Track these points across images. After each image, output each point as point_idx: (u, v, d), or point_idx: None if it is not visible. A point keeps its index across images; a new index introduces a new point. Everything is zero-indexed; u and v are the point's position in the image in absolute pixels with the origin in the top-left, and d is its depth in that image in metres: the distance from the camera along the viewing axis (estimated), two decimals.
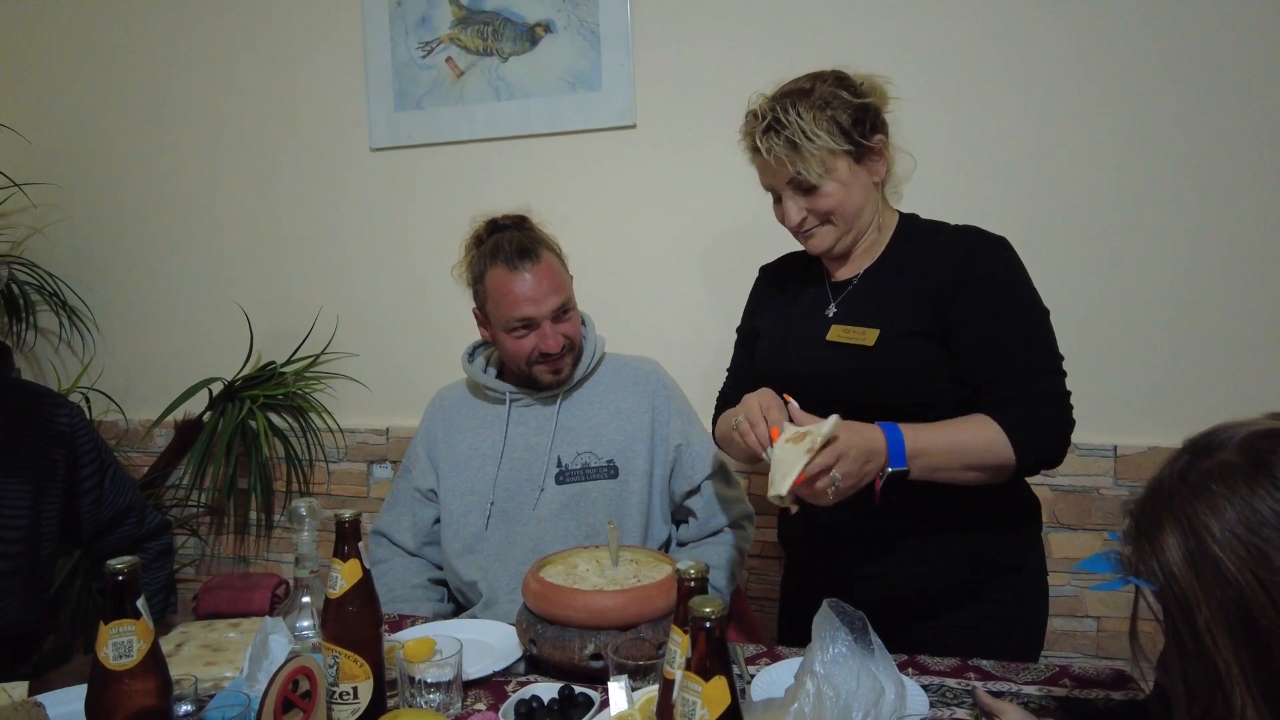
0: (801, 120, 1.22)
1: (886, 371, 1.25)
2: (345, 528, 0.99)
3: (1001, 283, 1.24)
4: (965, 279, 1.23)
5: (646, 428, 1.57)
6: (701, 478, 1.59)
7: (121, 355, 2.65)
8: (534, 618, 1.15)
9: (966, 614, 1.31)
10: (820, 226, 1.30)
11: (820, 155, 1.23)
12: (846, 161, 1.25)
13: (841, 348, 1.28)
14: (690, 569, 0.75)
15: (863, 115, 1.25)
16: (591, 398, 1.59)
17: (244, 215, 2.53)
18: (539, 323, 1.48)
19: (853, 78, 1.29)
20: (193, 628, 1.29)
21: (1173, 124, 1.88)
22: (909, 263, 1.30)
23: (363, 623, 0.99)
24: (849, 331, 1.27)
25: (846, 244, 1.32)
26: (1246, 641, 0.66)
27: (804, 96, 1.25)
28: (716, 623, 0.65)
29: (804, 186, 1.26)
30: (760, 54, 2.11)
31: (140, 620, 0.82)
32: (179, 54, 2.52)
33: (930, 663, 1.21)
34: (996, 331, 1.22)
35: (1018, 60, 1.95)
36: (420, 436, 1.66)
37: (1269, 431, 0.70)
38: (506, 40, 2.29)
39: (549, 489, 1.53)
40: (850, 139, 1.24)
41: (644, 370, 1.65)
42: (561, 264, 1.56)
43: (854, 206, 1.28)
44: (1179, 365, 1.91)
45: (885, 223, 1.34)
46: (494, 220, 1.59)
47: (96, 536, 1.45)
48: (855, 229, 1.31)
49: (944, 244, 1.28)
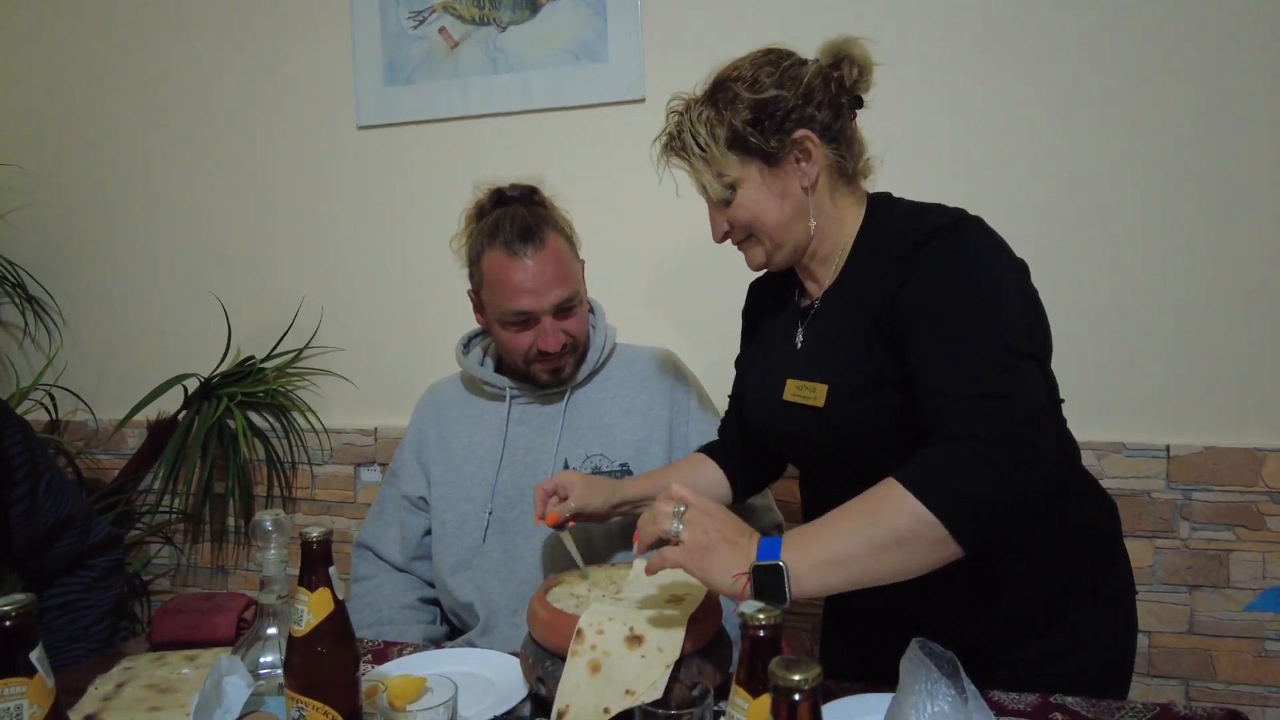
0: (695, 128, 1.06)
1: (837, 437, 1.03)
2: (313, 549, 0.81)
3: (938, 272, 0.96)
4: (901, 280, 0.98)
5: (664, 426, 1.42)
6: None
7: (90, 350, 2.48)
8: (542, 652, 0.98)
9: (1033, 650, 1.11)
10: (746, 242, 1.12)
11: (716, 165, 1.06)
12: (756, 168, 1.06)
13: (797, 408, 1.07)
14: (760, 614, 0.57)
15: (762, 115, 1.04)
16: (602, 394, 1.44)
17: (221, 199, 2.36)
18: (538, 317, 1.33)
19: (786, 58, 1.09)
20: (140, 662, 1.11)
21: (1231, 104, 1.71)
22: (865, 277, 1.05)
23: (335, 665, 0.81)
24: (802, 388, 1.06)
25: (782, 259, 1.11)
26: None
27: (707, 100, 1.08)
28: (808, 694, 0.47)
29: (717, 199, 1.09)
30: (776, 20, 1.95)
31: (35, 678, 0.63)
32: (151, 25, 2.36)
33: (1007, 701, 1.03)
34: (929, 339, 0.93)
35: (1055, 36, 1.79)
36: (409, 437, 1.50)
37: None
38: (505, 8, 2.13)
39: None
40: (745, 146, 1.05)
41: (659, 361, 1.50)
42: (571, 248, 1.41)
43: (774, 219, 1.07)
44: (1236, 358, 1.76)
45: (846, 222, 1.11)
46: (500, 190, 1.43)
47: (31, 552, 1.26)
48: (789, 242, 1.09)
49: (893, 244, 1.02)
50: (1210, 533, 1.76)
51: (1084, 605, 1.12)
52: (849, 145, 1.10)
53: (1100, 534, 1.16)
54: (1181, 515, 1.78)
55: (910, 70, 1.84)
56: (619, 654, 0.89)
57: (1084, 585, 1.13)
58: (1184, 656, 1.79)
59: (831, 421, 1.03)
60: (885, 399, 0.99)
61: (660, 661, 0.88)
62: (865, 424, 1.01)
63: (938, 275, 0.96)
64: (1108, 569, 1.16)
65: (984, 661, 1.01)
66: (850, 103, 1.10)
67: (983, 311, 0.92)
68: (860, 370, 1.01)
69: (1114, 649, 1.15)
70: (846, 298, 1.07)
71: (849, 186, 1.12)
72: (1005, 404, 0.85)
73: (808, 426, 1.06)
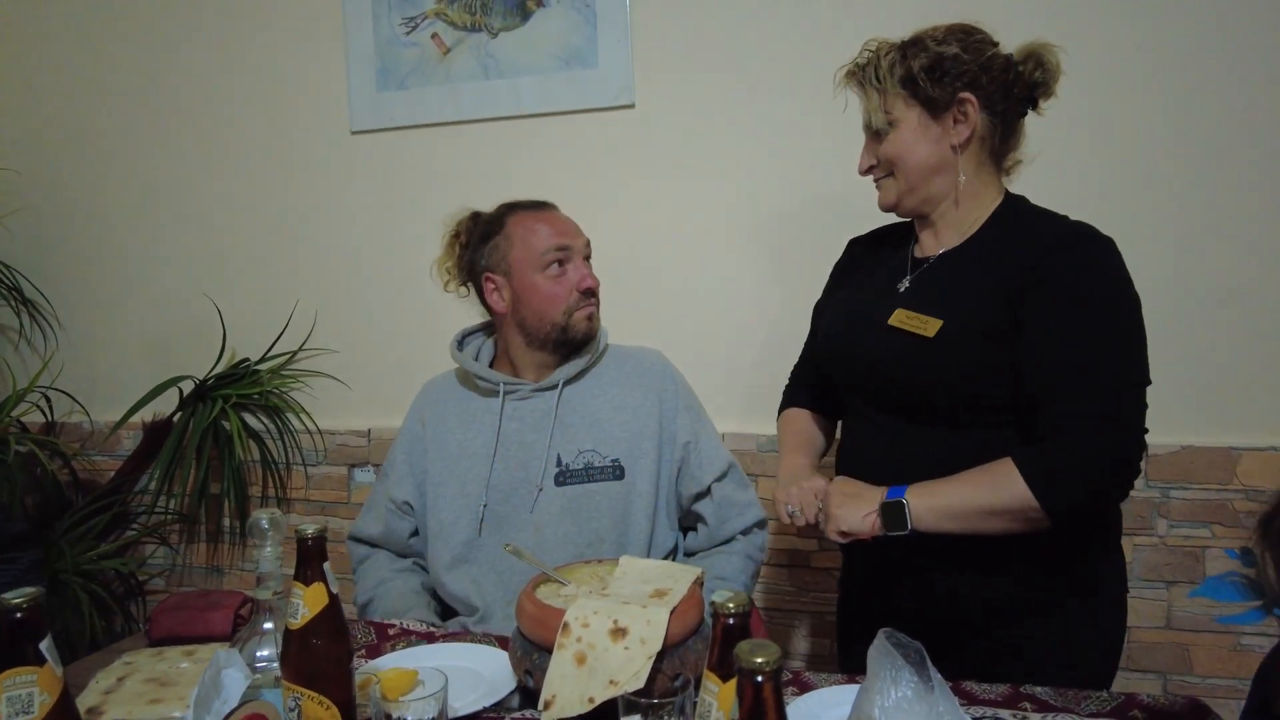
0: (880, 62, 1.16)
1: (942, 368, 1.14)
2: (308, 546, 0.84)
3: (1079, 286, 1.09)
4: (1041, 276, 1.10)
5: (654, 423, 1.44)
6: (711, 479, 1.46)
7: (85, 352, 2.50)
8: (530, 645, 1.01)
9: (1025, 629, 1.18)
10: (885, 178, 1.22)
11: (886, 99, 1.16)
12: (918, 112, 1.16)
13: (902, 334, 1.17)
14: (730, 602, 0.61)
15: (937, 67, 1.14)
16: (593, 391, 1.46)
17: (216, 203, 2.38)
18: (574, 256, 1.44)
19: (979, 33, 1.18)
20: (140, 657, 1.14)
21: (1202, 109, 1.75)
22: (995, 251, 1.17)
23: (329, 657, 0.84)
24: (912, 318, 1.16)
25: (912, 204, 1.21)
26: None
27: (899, 45, 1.18)
28: (770, 675, 0.51)
29: (876, 129, 1.19)
30: (766, 29, 1.98)
31: (44, 667, 0.66)
32: (146, 32, 2.38)
33: (978, 691, 1.07)
34: (1059, 343, 1.08)
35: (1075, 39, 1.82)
36: (402, 437, 1.53)
37: None
38: (496, 15, 2.15)
39: (548, 490, 1.39)
40: (914, 89, 1.15)
41: (649, 361, 1.53)
42: None
43: (917, 162, 1.17)
44: (1212, 360, 1.80)
45: (983, 201, 1.21)
46: (476, 212, 1.53)
47: None
48: (922, 190, 1.20)
49: (1034, 235, 1.15)
50: (1187, 530, 1.80)
51: (1084, 592, 1.19)
52: (1008, 132, 1.19)
53: (1105, 524, 1.23)
54: (1159, 513, 1.82)
55: None
56: (604, 646, 0.93)
57: (1085, 571, 1.19)
58: (1162, 651, 1.83)
59: (935, 353, 1.13)
60: (989, 351, 1.11)
61: (643, 653, 0.91)
62: (964, 364, 1.12)
63: (1087, 284, 1.08)
64: (1108, 559, 1.23)
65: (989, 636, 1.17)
66: (1025, 98, 1.18)
67: (1118, 337, 1.08)
68: (978, 318, 1.12)
69: (1108, 635, 1.20)
70: (973, 262, 1.18)
71: (995, 170, 1.21)
72: (1116, 427, 1.05)
73: (908, 353, 1.15)
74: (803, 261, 2.00)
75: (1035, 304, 1.09)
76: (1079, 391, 1.06)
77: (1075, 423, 1.05)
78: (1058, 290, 1.09)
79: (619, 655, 0.91)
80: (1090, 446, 1.05)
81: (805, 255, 2.00)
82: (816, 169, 1.98)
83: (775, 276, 2.03)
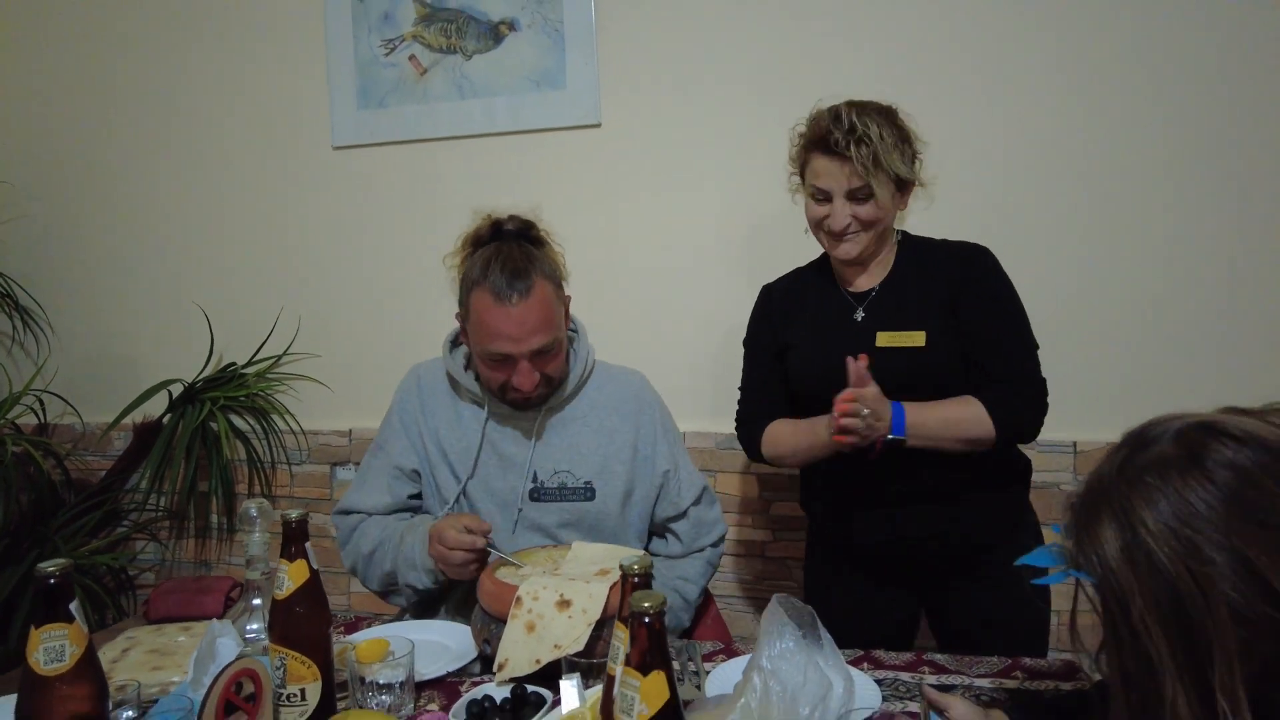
0: (884, 141, 1.38)
1: (939, 367, 1.43)
2: (292, 528, 0.98)
3: (992, 285, 1.47)
4: (965, 284, 1.45)
5: (629, 448, 1.49)
6: (688, 503, 1.53)
7: (77, 357, 2.60)
8: (488, 617, 1.15)
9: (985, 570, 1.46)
10: (860, 233, 1.44)
11: (889, 175, 1.39)
12: (892, 190, 1.42)
13: (892, 351, 1.43)
14: (634, 564, 0.74)
15: (914, 157, 1.46)
16: (575, 413, 1.50)
17: (204, 214, 2.49)
18: (516, 360, 1.37)
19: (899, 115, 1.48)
20: (141, 632, 1.26)
21: (1144, 125, 1.90)
22: (919, 273, 1.49)
23: (311, 623, 0.98)
24: (897, 336, 1.44)
25: (868, 252, 1.47)
26: (1178, 632, 0.67)
27: (887, 120, 1.41)
28: (655, 617, 0.65)
29: (861, 195, 1.41)
30: (726, 54, 2.12)
31: (74, 624, 0.80)
32: (136, 49, 2.48)
33: (885, 658, 1.22)
34: (986, 324, 1.44)
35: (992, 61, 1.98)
36: (398, 414, 1.53)
37: (1203, 424, 0.71)
38: (470, 38, 2.28)
39: (525, 506, 1.45)
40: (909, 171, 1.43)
41: (631, 387, 1.56)
42: (557, 292, 1.43)
43: (886, 223, 1.46)
44: (1143, 362, 1.94)
45: (891, 241, 1.52)
46: (498, 222, 1.45)
47: None
48: (879, 242, 1.48)
49: (944, 256, 1.50)
50: None
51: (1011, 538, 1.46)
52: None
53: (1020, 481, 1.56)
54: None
55: None
56: (550, 616, 1.07)
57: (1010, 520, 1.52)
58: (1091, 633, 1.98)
59: (928, 356, 1.42)
60: (951, 344, 1.44)
61: (584, 621, 1.05)
62: (947, 358, 1.43)
63: (994, 283, 1.46)
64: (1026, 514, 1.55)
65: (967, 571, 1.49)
66: None
67: (1022, 317, 1.46)
68: (946, 324, 1.44)
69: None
70: (906, 283, 1.48)
71: None
72: (1038, 377, 1.44)
73: (907, 364, 1.42)
74: (760, 270, 2.14)
75: (968, 304, 1.44)
76: (1013, 355, 1.44)
77: (1017, 375, 1.43)
78: (980, 291, 1.45)
79: (563, 624, 1.05)
80: (1029, 390, 1.43)
81: (762, 264, 2.14)
82: (772, 184, 2.12)
83: (734, 284, 2.17)
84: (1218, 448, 0.68)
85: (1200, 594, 0.65)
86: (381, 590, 1.48)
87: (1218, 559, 0.65)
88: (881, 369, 1.36)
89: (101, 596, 2.33)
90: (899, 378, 1.38)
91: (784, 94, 2.09)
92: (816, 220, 1.47)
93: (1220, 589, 0.65)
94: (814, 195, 1.45)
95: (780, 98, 2.09)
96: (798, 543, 2.16)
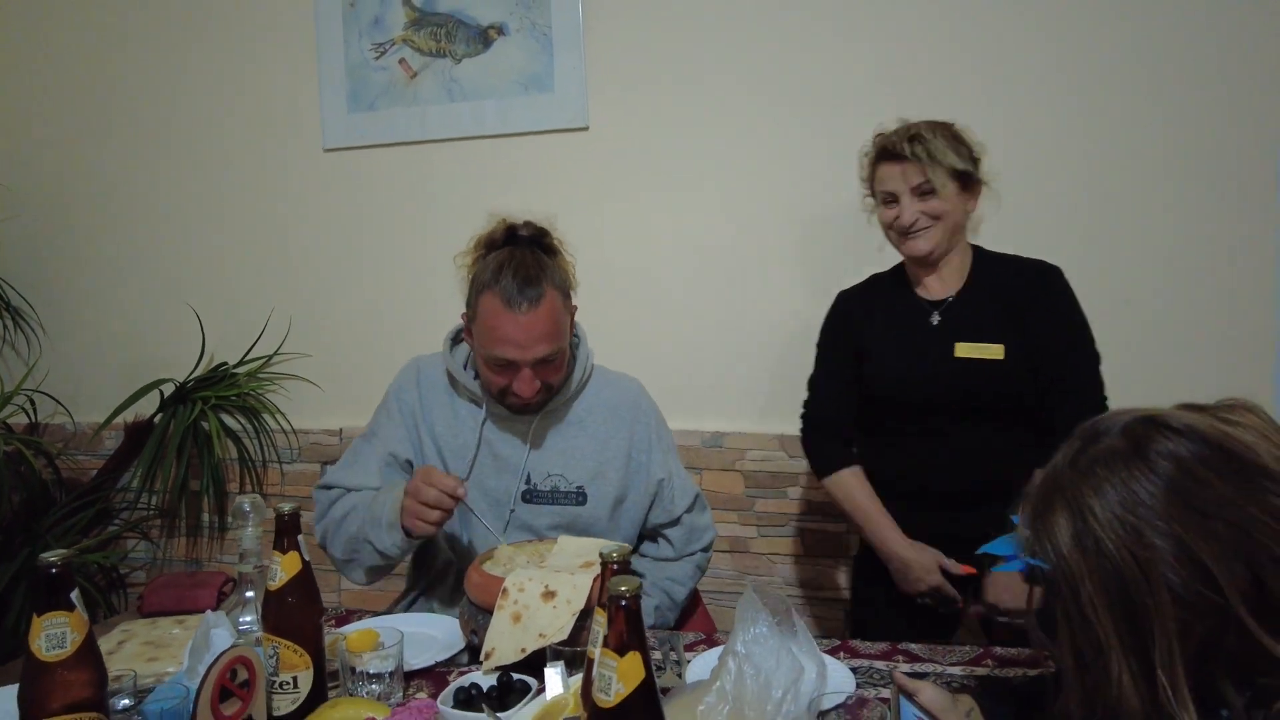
0: (938, 141, 1.51)
1: (1016, 380, 1.51)
2: (284, 521, 1.01)
3: (1063, 302, 1.56)
4: (1038, 299, 1.54)
5: (622, 455, 1.50)
6: (681, 510, 1.55)
7: (69, 357, 2.61)
8: (475, 609, 1.18)
9: None
10: (928, 228, 1.53)
11: (946, 169, 1.50)
12: (957, 185, 1.53)
13: (970, 362, 1.52)
14: (614, 552, 0.78)
15: (974, 159, 1.56)
16: (571, 417, 1.51)
17: (196, 215, 2.51)
18: (520, 366, 1.37)
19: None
20: (136, 625, 1.29)
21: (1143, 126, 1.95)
22: (994, 286, 1.57)
23: (302, 614, 1.01)
24: (976, 347, 1.52)
25: (941, 250, 1.56)
26: (1124, 614, 0.71)
27: (941, 126, 1.54)
28: (632, 599, 0.68)
29: (924, 191, 1.51)
30: (712, 58, 2.16)
31: (74, 612, 0.83)
32: (129, 51, 2.50)
33: (861, 646, 1.26)
34: (1057, 340, 1.53)
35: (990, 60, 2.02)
36: (395, 401, 1.53)
37: (1148, 418, 0.76)
38: (459, 42, 2.31)
39: (518, 507, 1.47)
40: (965, 164, 1.53)
41: (627, 395, 1.57)
42: (565, 301, 1.43)
43: (954, 219, 1.54)
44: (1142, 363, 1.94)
45: (966, 251, 1.62)
46: (513, 227, 1.45)
47: None
48: (950, 241, 1.56)
49: (1018, 272, 1.59)
50: None
51: None
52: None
53: None
54: None
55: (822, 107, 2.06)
56: (536, 606, 1.10)
57: None
58: None
59: (1011, 367, 1.50)
60: (1026, 361, 1.52)
61: (568, 611, 1.09)
62: (1024, 373, 1.51)
63: (1065, 304, 1.55)
64: None
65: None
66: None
67: (1089, 334, 1.55)
68: (1021, 339, 1.52)
69: None
70: (984, 295, 1.57)
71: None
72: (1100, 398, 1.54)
73: (988, 373, 1.51)
74: (747, 271, 2.19)
75: (1039, 320, 1.53)
76: (1080, 370, 1.54)
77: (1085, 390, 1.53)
78: (1053, 308, 1.55)
79: (548, 614, 1.09)
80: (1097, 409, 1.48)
81: (749, 265, 2.19)
82: (757, 185, 2.17)
83: (720, 285, 2.21)
84: (1160, 440, 0.73)
85: (1143, 578, 0.70)
86: (344, 556, 1.44)
87: (1159, 544, 0.70)
88: (958, 380, 1.50)
89: (93, 594, 2.35)
90: (975, 390, 1.50)
91: (771, 97, 2.13)
92: (888, 222, 1.58)
93: (1161, 572, 0.69)
94: (883, 200, 1.58)
95: (768, 101, 2.14)
96: (782, 539, 2.21)
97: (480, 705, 1.00)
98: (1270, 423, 0.78)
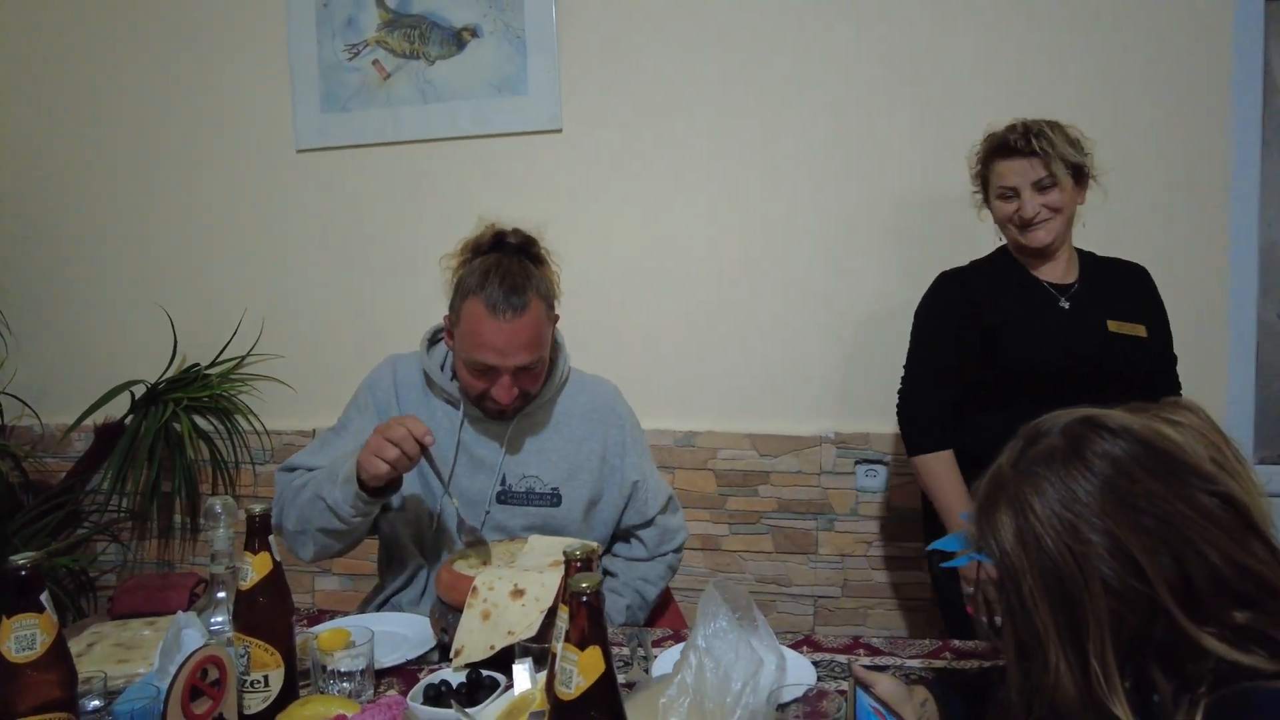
0: (1056, 134, 1.60)
1: (1157, 358, 1.69)
2: (255, 522, 1.02)
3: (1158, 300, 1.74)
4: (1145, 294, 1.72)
5: (596, 457, 1.52)
6: (654, 512, 1.57)
7: (36, 357, 2.59)
8: (445, 607, 1.20)
9: None
10: (1049, 220, 1.62)
11: (1064, 163, 1.58)
12: (1072, 180, 1.62)
13: (1121, 338, 1.65)
14: (577, 550, 0.81)
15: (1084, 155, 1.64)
16: (547, 420, 1.52)
17: (167, 214, 2.50)
18: (500, 372, 1.38)
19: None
20: (106, 627, 1.29)
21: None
22: (1110, 277, 1.72)
23: (273, 613, 1.02)
24: (1122, 325, 1.65)
25: (1060, 241, 1.66)
26: (1061, 606, 0.74)
27: (1057, 125, 1.62)
28: (593, 596, 0.71)
29: (1044, 185, 1.60)
30: (686, 61, 2.19)
31: (44, 614, 0.84)
32: (98, 51, 2.49)
33: (824, 640, 1.29)
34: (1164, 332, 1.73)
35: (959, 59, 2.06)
36: (369, 397, 1.52)
37: (1085, 419, 0.79)
38: (433, 44, 2.32)
39: (493, 509, 1.47)
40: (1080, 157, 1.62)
41: (603, 397, 1.58)
42: (548, 311, 1.44)
43: (1069, 212, 1.65)
44: None
45: (1071, 241, 1.72)
46: (501, 233, 1.46)
47: None
48: (1065, 233, 1.66)
49: (1122, 269, 1.74)
50: None
51: None
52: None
53: None
54: None
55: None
56: (505, 604, 1.12)
57: None
58: None
59: (1149, 347, 1.66)
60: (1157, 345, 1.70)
61: (536, 608, 1.11)
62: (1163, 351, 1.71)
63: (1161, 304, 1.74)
64: None
65: None
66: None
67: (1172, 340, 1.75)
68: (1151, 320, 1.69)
69: None
70: (1104, 284, 1.70)
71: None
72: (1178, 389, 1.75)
73: (1135, 350, 1.65)
74: (720, 270, 2.22)
75: (1147, 311, 1.70)
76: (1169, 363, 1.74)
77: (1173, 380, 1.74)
78: (1158, 307, 1.73)
79: (517, 611, 1.11)
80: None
81: (721, 265, 2.22)
82: (729, 186, 2.20)
83: (693, 285, 2.24)
84: (1096, 440, 0.76)
85: (1079, 571, 0.73)
86: (295, 527, 1.41)
87: (1094, 539, 0.73)
88: (1112, 350, 1.62)
89: (62, 598, 2.33)
90: (1122, 362, 1.62)
91: (743, 100, 2.17)
92: (1006, 216, 1.65)
93: (1095, 566, 0.73)
94: (1001, 195, 1.64)
95: (739, 104, 2.17)
96: (754, 536, 2.24)
97: (449, 701, 1.02)
98: (1208, 422, 0.82)
